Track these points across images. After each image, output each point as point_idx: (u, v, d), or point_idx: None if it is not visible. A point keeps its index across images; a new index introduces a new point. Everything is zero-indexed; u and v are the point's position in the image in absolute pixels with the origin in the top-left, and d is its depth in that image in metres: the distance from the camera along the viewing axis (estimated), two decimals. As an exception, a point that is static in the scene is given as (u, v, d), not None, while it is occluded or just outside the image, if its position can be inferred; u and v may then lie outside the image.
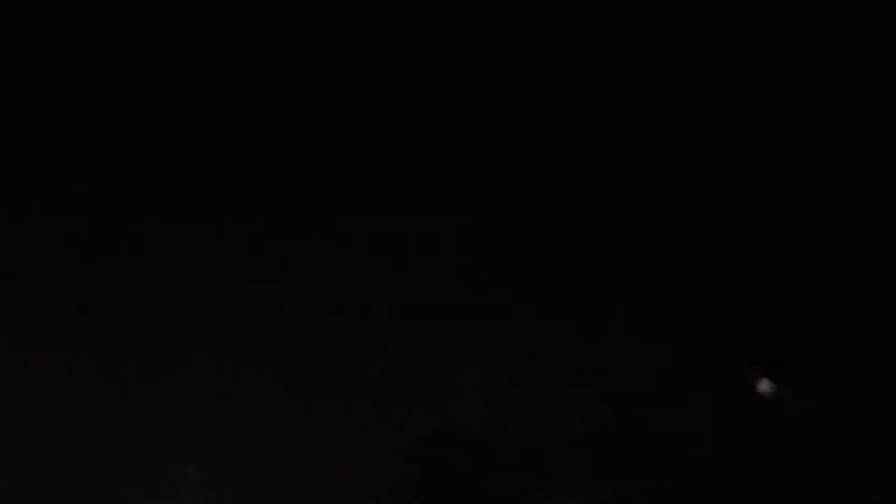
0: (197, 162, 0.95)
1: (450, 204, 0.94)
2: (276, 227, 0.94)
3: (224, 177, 0.95)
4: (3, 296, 0.93)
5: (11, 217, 0.95)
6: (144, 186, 0.95)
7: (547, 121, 0.94)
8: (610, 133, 0.94)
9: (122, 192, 0.95)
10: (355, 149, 0.95)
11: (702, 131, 0.92)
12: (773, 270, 0.89)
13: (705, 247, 0.90)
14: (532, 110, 0.94)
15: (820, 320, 0.88)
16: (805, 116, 0.91)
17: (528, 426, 0.90)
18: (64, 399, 0.92)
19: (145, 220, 0.94)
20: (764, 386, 0.87)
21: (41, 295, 0.94)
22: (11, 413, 0.92)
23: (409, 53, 0.95)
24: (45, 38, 0.97)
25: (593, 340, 0.91)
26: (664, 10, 0.94)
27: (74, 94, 0.96)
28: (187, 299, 0.93)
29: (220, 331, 0.92)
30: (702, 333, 0.89)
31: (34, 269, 0.94)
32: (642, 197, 0.93)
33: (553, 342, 0.91)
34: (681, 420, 0.89)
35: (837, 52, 0.91)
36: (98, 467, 0.91)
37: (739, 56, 0.93)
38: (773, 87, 0.92)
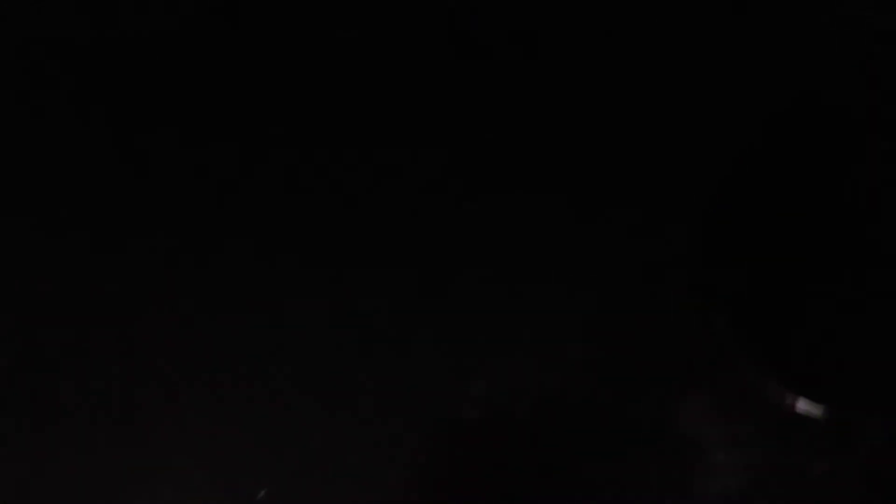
0: (197, 162, 0.95)
1: (452, 205, 0.94)
2: (275, 227, 0.94)
3: (224, 176, 0.95)
4: (2, 298, 0.94)
5: (11, 218, 0.95)
6: (143, 187, 0.95)
7: (547, 121, 0.94)
8: (611, 133, 0.94)
9: (122, 192, 0.95)
10: (356, 148, 0.95)
11: (702, 131, 0.92)
12: (774, 271, 0.89)
13: (705, 248, 0.90)
14: (531, 110, 0.94)
15: (820, 321, 0.88)
16: (805, 116, 0.91)
17: (530, 429, 0.90)
18: (63, 399, 0.93)
19: (146, 220, 0.95)
20: (803, 406, 0.87)
21: (41, 297, 0.94)
22: (11, 413, 0.93)
23: (409, 54, 0.96)
24: (45, 38, 0.97)
25: (595, 342, 0.91)
26: (664, 10, 0.94)
27: (74, 94, 0.96)
28: (187, 299, 0.93)
29: (220, 332, 0.93)
30: (705, 336, 0.89)
31: (31, 270, 0.94)
32: (643, 198, 0.93)
33: (553, 344, 0.91)
34: (684, 423, 0.89)
35: (837, 52, 0.91)
36: (97, 468, 0.92)
37: (739, 56, 0.93)
38: (773, 87, 0.92)
